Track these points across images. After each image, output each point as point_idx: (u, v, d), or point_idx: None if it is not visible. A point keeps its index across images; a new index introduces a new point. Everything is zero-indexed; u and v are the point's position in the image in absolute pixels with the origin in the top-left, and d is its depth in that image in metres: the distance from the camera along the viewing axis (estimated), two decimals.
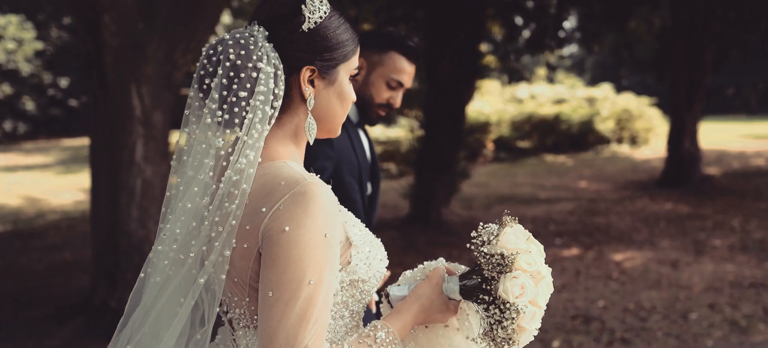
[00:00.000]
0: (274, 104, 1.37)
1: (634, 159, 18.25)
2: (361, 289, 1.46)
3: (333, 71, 1.45)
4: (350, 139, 2.68)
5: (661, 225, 10.03)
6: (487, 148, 18.07)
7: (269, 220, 1.28)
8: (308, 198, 1.28)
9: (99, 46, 5.13)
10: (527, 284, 1.44)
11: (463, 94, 9.95)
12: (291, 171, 1.34)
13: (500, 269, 1.45)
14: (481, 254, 1.49)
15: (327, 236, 1.29)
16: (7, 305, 6.24)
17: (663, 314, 5.95)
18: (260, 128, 1.35)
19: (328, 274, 1.29)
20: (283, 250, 1.26)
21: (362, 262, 1.44)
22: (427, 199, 9.72)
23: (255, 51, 1.35)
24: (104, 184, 5.42)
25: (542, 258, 1.52)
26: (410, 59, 2.69)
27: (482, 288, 1.46)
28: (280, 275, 1.25)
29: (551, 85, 22.66)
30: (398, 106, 2.73)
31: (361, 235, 1.47)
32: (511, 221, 1.52)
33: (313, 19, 1.39)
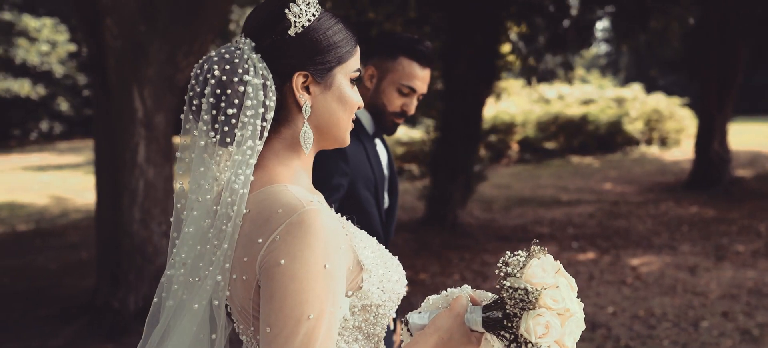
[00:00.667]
0: (266, 117, 1.31)
1: (663, 161, 17.88)
2: (375, 313, 1.39)
3: (328, 75, 1.37)
4: (366, 151, 2.58)
5: (684, 229, 9.79)
6: (511, 149, 17.88)
7: (265, 252, 1.22)
8: (306, 227, 1.21)
9: (101, 48, 5.18)
10: (552, 323, 1.34)
11: (479, 96, 9.85)
12: (289, 197, 1.26)
13: (523, 305, 1.35)
14: (504, 288, 1.38)
15: (327, 267, 1.22)
16: (18, 304, 6.35)
17: (673, 322, 5.79)
18: (252, 144, 1.29)
19: (330, 306, 1.23)
20: (279, 284, 1.20)
21: (375, 286, 1.37)
22: (442, 201, 9.65)
23: (241, 64, 1.29)
24: (107, 186, 5.48)
25: (573, 293, 1.40)
26: (421, 63, 2.58)
27: (504, 325, 1.37)
28: (278, 311, 1.19)
29: (580, 85, 22.34)
30: (412, 112, 2.63)
31: (373, 257, 1.39)
32: (539, 252, 1.40)
33: (301, 22, 1.33)
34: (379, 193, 2.62)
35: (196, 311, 1.28)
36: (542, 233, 9.68)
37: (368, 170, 2.56)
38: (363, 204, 2.53)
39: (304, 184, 1.40)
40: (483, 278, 7.39)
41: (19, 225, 10.77)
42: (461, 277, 7.43)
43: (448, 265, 7.98)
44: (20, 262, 8.21)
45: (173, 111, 5.58)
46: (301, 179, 1.39)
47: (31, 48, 22.73)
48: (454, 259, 8.22)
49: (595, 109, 19.38)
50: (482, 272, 7.65)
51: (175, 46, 5.39)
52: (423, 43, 2.60)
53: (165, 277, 1.37)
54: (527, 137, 17.99)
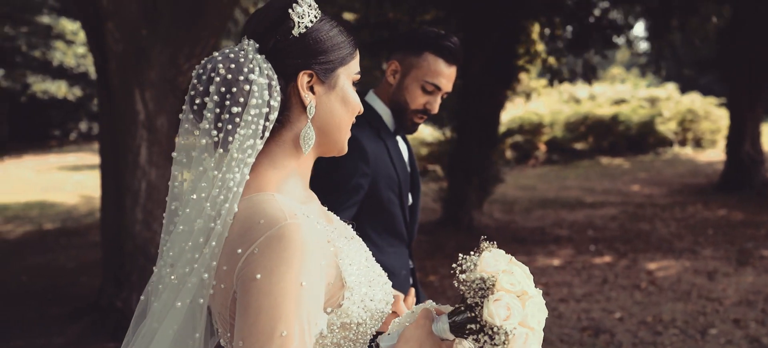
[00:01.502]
0: (269, 117, 1.31)
1: (697, 162, 17.48)
2: (355, 331, 1.37)
3: (332, 75, 1.38)
4: (388, 150, 2.51)
5: (709, 232, 9.55)
6: (538, 150, 17.67)
7: (243, 264, 1.21)
8: (285, 242, 1.20)
9: (103, 52, 5.26)
10: (513, 305, 1.35)
11: (496, 97, 9.75)
12: (273, 208, 1.25)
13: (482, 293, 1.36)
14: (462, 283, 1.40)
15: (303, 284, 1.20)
16: (33, 302, 6.50)
17: (680, 328, 5.64)
18: (253, 143, 1.29)
19: (303, 324, 1.21)
20: (254, 299, 1.18)
21: (356, 305, 1.35)
22: (458, 203, 9.58)
23: (246, 63, 1.30)
24: (111, 187, 5.57)
25: (529, 279, 1.42)
26: (448, 60, 2.47)
27: (468, 318, 1.38)
28: (251, 325, 1.18)
29: (613, 85, 21.96)
30: (435, 111, 2.52)
31: (358, 274, 1.36)
32: (488, 246, 1.44)
33: (304, 22, 1.34)
34: (402, 193, 2.55)
35: (179, 309, 1.27)
36: (560, 235, 9.54)
37: (391, 169, 2.49)
38: (385, 204, 2.48)
39: (296, 192, 1.38)
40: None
41: (47, 224, 11.04)
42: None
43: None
44: (42, 260, 8.41)
45: (175, 113, 5.65)
46: (293, 185, 1.38)
47: (68, 50, 23.28)
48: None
49: (627, 109, 19.05)
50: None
51: (176, 50, 5.46)
52: (450, 38, 2.49)
53: (154, 276, 1.37)
54: (555, 138, 17.76)
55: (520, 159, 17.19)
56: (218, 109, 1.28)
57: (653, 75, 36.28)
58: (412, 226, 2.65)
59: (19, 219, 11.63)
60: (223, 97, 1.28)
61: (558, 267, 7.73)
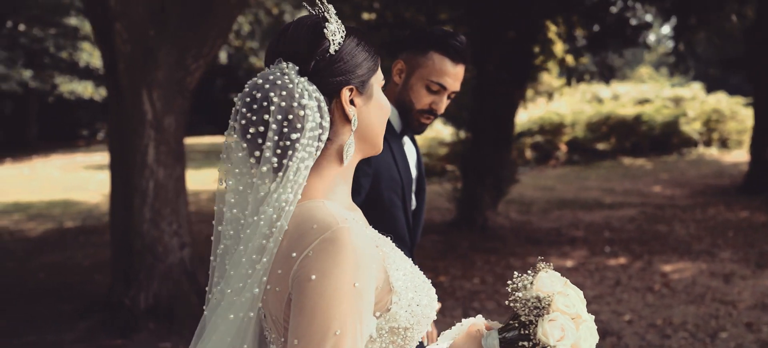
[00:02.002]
0: (322, 138, 1.35)
1: (722, 162, 17.19)
2: (403, 335, 1.40)
3: (367, 85, 1.43)
4: (391, 151, 2.47)
5: (729, 235, 9.38)
6: (559, 150, 17.51)
7: (298, 267, 1.26)
8: (338, 245, 1.25)
9: (112, 53, 5.34)
10: (567, 327, 1.39)
11: (511, 97, 9.69)
12: (325, 213, 1.30)
13: (537, 312, 1.40)
14: (517, 300, 1.44)
15: (356, 286, 1.25)
16: (47, 299, 6.61)
17: (690, 332, 5.55)
18: (307, 165, 1.34)
19: (356, 324, 1.26)
20: (308, 299, 1.23)
21: (403, 309, 1.38)
22: (471, 204, 9.53)
23: (295, 89, 1.33)
24: (120, 186, 5.64)
25: (582, 303, 1.45)
26: (453, 60, 2.43)
27: (521, 335, 1.42)
28: (306, 325, 1.23)
29: (637, 84, 21.69)
30: (441, 111, 2.48)
31: (404, 279, 1.40)
32: (545, 267, 1.47)
33: (337, 40, 1.37)
34: (405, 195, 2.51)
35: (232, 322, 1.32)
36: (576, 237, 9.45)
37: (394, 171, 2.46)
38: (387, 206, 2.44)
39: (342, 198, 1.43)
40: (503, 282, 7.26)
41: (68, 222, 11.22)
42: (481, 281, 7.33)
43: (471, 267, 7.89)
44: (60, 258, 8.55)
45: (183, 113, 5.71)
46: (339, 193, 1.43)
47: (95, 52, 23.61)
48: (479, 262, 8.11)
49: (651, 109, 18.79)
50: (504, 276, 7.52)
51: (184, 50, 5.51)
52: (456, 37, 2.45)
53: (214, 295, 1.40)
54: (576, 138, 17.58)
55: (540, 159, 17.06)
56: (277, 136, 1.32)
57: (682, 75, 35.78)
58: (415, 231, 2.62)
59: (41, 217, 11.84)
60: (281, 126, 1.31)
61: (571, 268, 7.66)
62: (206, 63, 5.68)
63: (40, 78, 23.09)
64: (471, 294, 6.77)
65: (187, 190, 6.05)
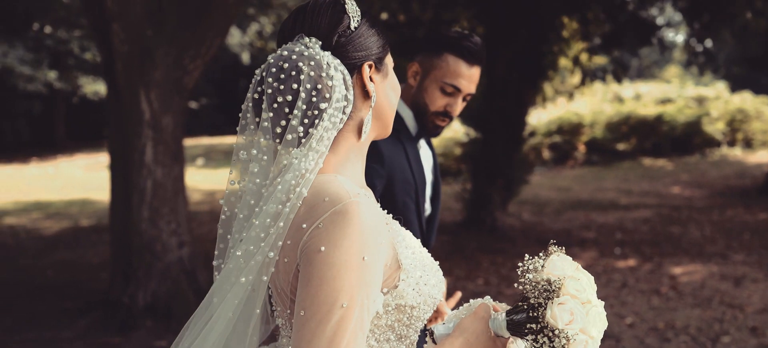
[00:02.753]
0: (346, 110, 1.38)
1: (745, 163, 16.85)
2: (409, 314, 1.41)
3: (384, 63, 1.47)
4: (406, 153, 2.44)
5: (744, 237, 9.19)
6: (578, 150, 17.31)
7: (308, 238, 1.27)
8: (348, 218, 1.25)
9: (110, 53, 5.39)
10: (576, 311, 1.37)
11: (523, 97, 9.59)
12: (337, 187, 1.30)
13: (547, 295, 1.39)
14: (527, 281, 1.43)
15: (365, 259, 1.26)
16: (52, 296, 6.70)
17: (692, 336, 5.44)
18: (330, 136, 1.36)
19: (364, 298, 1.26)
20: (317, 270, 1.24)
21: (410, 287, 1.39)
22: (481, 204, 9.46)
23: (322, 61, 1.36)
24: (119, 185, 5.70)
25: (593, 289, 1.44)
26: (468, 61, 2.40)
27: (529, 317, 1.40)
28: (313, 296, 1.23)
29: (660, 84, 21.36)
30: (456, 114, 2.45)
31: (413, 258, 1.42)
32: (557, 250, 1.46)
33: (357, 16, 1.41)
34: (419, 198, 2.48)
35: (243, 284, 1.32)
36: (586, 238, 9.32)
37: (408, 173, 2.42)
38: (400, 209, 2.40)
39: (355, 175, 1.45)
40: (508, 283, 7.20)
41: (83, 220, 11.38)
42: (485, 282, 7.26)
43: (476, 268, 7.82)
44: (71, 256, 8.67)
45: (182, 113, 5.75)
46: (351, 169, 1.44)
47: None
48: (485, 263, 8.05)
49: (672, 108, 18.50)
50: (508, 277, 7.45)
51: (182, 50, 5.54)
52: (471, 39, 2.43)
53: (223, 270, 1.40)
54: (595, 138, 17.36)
55: (558, 160, 16.88)
56: (305, 106, 1.33)
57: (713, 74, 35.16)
58: (428, 236, 2.58)
59: (59, 215, 12.02)
60: (310, 95, 1.33)
61: None
62: (204, 63, 5.71)
63: (65, 79, 23.47)
64: (473, 295, 6.71)
65: (186, 189, 6.08)
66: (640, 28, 10.45)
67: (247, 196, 1.38)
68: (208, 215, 11.77)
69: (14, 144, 25.47)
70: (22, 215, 12.12)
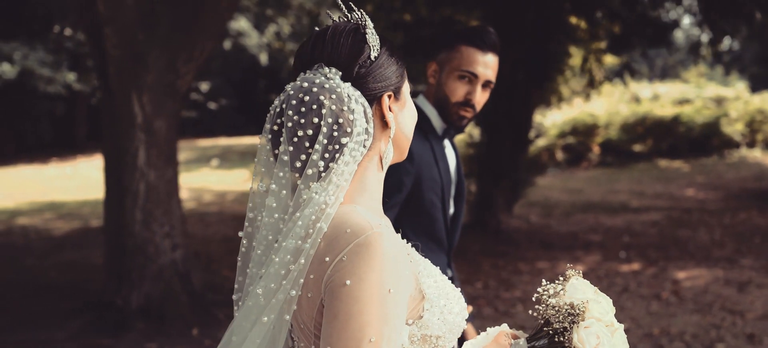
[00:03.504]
0: (366, 144, 1.36)
1: (765, 165, 16.55)
2: (434, 344, 1.40)
3: (401, 92, 1.45)
4: (433, 152, 2.52)
5: (755, 241, 9.02)
6: (592, 151, 17.13)
7: (332, 271, 1.25)
8: (372, 250, 1.24)
9: (102, 56, 5.44)
10: (602, 334, 1.37)
11: (529, 98, 9.51)
12: (358, 218, 1.29)
13: (572, 319, 1.38)
14: (549, 306, 1.42)
15: (391, 291, 1.24)
16: (51, 296, 6.78)
17: (686, 343, 5.34)
18: (351, 169, 1.34)
19: (391, 331, 1.24)
20: (343, 304, 1.22)
21: (436, 317, 1.37)
22: (485, 206, 9.40)
23: (343, 94, 1.34)
24: (112, 188, 5.75)
25: (612, 311, 1.44)
26: (481, 48, 2.51)
27: (554, 342, 1.40)
28: (340, 331, 1.22)
29: (679, 84, 21.07)
30: (477, 101, 2.52)
31: (436, 287, 1.40)
32: (574, 273, 1.46)
33: (376, 47, 1.39)
34: (445, 197, 2.54)
35: (266, 324, 1.30)
36: (592, 241, 9.22)
37: (435, 172, 2.50)
38: (427, 207, 2.47)
39: (373, 205, 1.43)
40: (506, 287, 7.14)
41: (94, 221, 11.51)
42: (484, 286, 7.21)
43: (477, 271, 7.77)
44: (76, 256, 8.77)
45: (174, 116, 5.78)
46: (371, 198, 1.42)
47: None
48: (485, 266, 7.99)
49: (690, 109, 18.23)
50: (509, 281, 7.39)
51: (174, 54, 5.58)
52: (483, 28, 2.56)
53: (244, 294, 1.40)
54: (610, 139, 17.17)
55: (571, 161, 16.73)
56: (326, 140, 1.31)
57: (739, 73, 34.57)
58: (452, 234, 2.63)
59: (71, 216, 12.17)
60: (331, 130, 1.31)
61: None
62: (197, 66, 5.75)
63: (85, 80, 23.77)
64: (470, 299, 6.66)
65: (180, 191, 6.12)
66: (651, 28, 10.31)
67: (264, 231, 1.36)
68: (216, 216, 11.85)
69: (36, 145, 25.87)
70: (35, 215, 12.30)
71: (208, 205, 13.16)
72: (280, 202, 1.34)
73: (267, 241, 1.35)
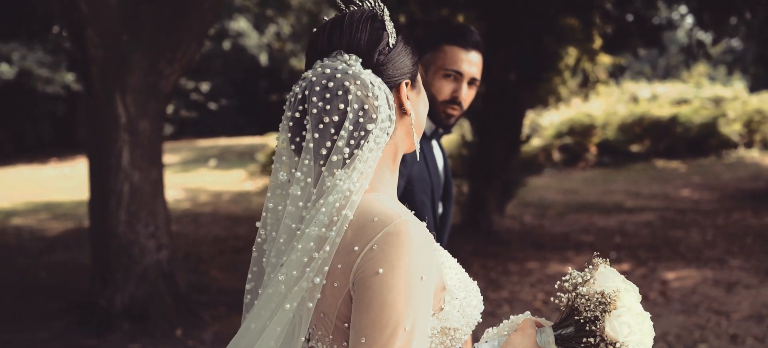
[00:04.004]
0: (389, 131, 1.36)
1: (762, 165, 16.51)
2: (451, 336, 1.38)
3: (417, 79, 1.46)
4: (423, 153, 2.56)
5: (747, 241, 9.00)
6: (589, 152, 17.11)
7: (362, 261, 1.24)
8: (403, 237, 1.23)
9: (85, 57, 5.45)
10: (633, 323, 1.38)
11: (520, 98, 9.50)
12: (384, 206, 1.29)
13: (603, 308, 1.38)
14: (578, 295, 1.41)
15: (423, 279, 1.24)
16: (39, 296, 6.81)
17: (669, 344, 5.34)
18: (375, 156, 1.33)
19: (424, 319, 1.24)
20: (377, 293, 1.21)
21: (456, 309, 1.36)
22: (477, 207, 9.40)
23: (367, 80, 1.33)
24: (97, 189, 5.76)
25: (638, 298, 1.46)
26: (464, 46, 2.56)
27: (585, 331, 1.39)
28: (374, 321, 1.20)
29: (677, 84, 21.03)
30: (464, 99, 2.56)
31: (457, 279, 1.39)
32: (602, 262, 1.47)
33: (394, 34, 1.39)
34: (434, 198, 2.58)
35: (287, 311, 1.29)
36: (583, 241, 9.21)
37: (425, 172, 2.54)
38: (418, 208, 2.49)
39: (392, 193, 1.43)
40: (494, 287, 7.14)
41: (87, 221, 11.52)
42: None
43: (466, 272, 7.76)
44: (67, 257, 8.80)
45: (159, 117, 5.79)
46: (389, 187, 1.42)
47: None
48: (475, 266, 7.99)
49: (688, 109, 18.20)
50: (496, 281, 7.38)
51: (158, 55, 5.59)
52: (464, 27, 2.61)
53: (262, 296, 1.37)
54: (607, 140, 17.14)
55: (568, 161, 16.71)
56: (352, 126, 1.31)
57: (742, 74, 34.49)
58: (441, 234, 2.68)
59: (65, 216, 12.20)
60: (357, 116, 1.31)
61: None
62: (182, 67, 5.75)
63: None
64: None
65: (165, 192, 6.13)
66: (644, 29, 10.29)
67: (287, 220, 1.33)
68: (209, 217, 11.86)
69: (36, 145, 25.93)
70: (30, 216, 12.33)
71: (202, 206, 13.18)
72: (303, 190, 1.32)
73: (290, 230, 1.33)
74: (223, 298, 6.65)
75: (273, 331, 1.29)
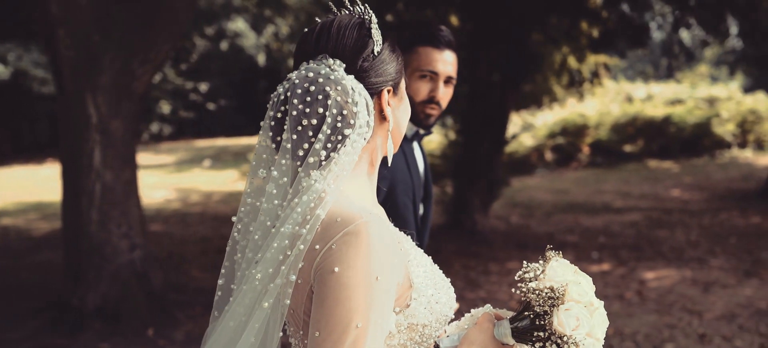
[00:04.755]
0: (366, 136, 1.39)
1: (755, 165, 16.47)
2: (421, 332, 1.42)
3: (400, 86, 1.48)
4: (405, 156, 2.60)
5: (730, 241, 9.00)
6: (582, 152, 17.09)
7: (321, 259, 1.28)
8: (361, 238, 1.27)
9: (56, 58, 5.48)
10: (582, 315, 1.40)
11: (505, 99, 9.50)
12: (349, 207, 1.32)
13: (552, 302, 1.40)
14: (529, 290, 1.44)
15: (378, 279, 1.27)
16: (15, 296, 6.82)
17: (637, 343, 5.34)
18: (351, 160, 1.37)
19: (377, 318, 1.27)
20: (331, 291, 1.25)
21: (422, 306, 1.39)
22: (461, 207, 9.40)
23: (347, 86, 1.36)
24: (69, 189, 5.78)
25: (592, 289, 1.46)
26: (437, 46, 2.60)
27: (535, 325, 1.41)
28: (328, 317, 1.25)
29: (673, 85, 20.99)
30: (441, 98, 2.60)
31: (424, 276, 1.41)
32: (554, 255, 1.48)
33: (380, 41, 1.42)
34: (416, 199, 2.62)
35: (266, 310, 1.32)
36: (567, 242, 9.21)
37: (406, 174, 2.58)
38: (401, 210, 2.53)
39: (368, 196, 1.46)
40: (472, 287, 7.15)
41: None
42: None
43: (446, 272, 7.55)
44: (50, 257, 8.81)
45: (131, 118, 5.81)
46: (364, 191, 1.45)
47: None
48: (456, 266, 8.00)
49: (682, 109, 18.17)
50: (475, 281, 7.39)
51: (130, 56, 5.61)
52: (436, 27, 2.64)
53: (238, 293, 1.39)
54: (600, 140, 17.13)
55: (561, 161, 16.70)
56: (330, 130, 1.34)
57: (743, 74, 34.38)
58: (422, 235, 2.70)
59: (55, 216, 12.20)
60: (335, 120, 1.34)
61: None
62: (155, 68, 5.77)
63: None
64: None
65: (139, 192, 6.14)
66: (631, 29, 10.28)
67: (262, 217, 1.37)
68: (197, 217, 11.89)
69: (33, 145, 26.01)
70: (19, 216, 12.36)
71: (192, 206, 13.20)
72: (280, 188, 1.36)
73: (265, 227, 1.37)
74: (200, 297, 6.66)
75: (252, 329, 1.32)
